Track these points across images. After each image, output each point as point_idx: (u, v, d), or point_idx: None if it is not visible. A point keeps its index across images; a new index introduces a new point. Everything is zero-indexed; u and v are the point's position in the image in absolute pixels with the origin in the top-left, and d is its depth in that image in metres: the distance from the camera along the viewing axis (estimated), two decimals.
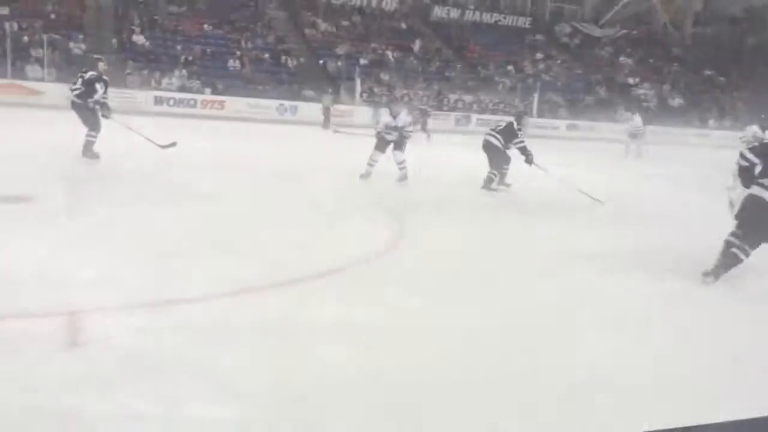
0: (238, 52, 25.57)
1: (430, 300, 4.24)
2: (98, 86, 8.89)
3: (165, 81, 23.03)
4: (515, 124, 9.36)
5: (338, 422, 2.64)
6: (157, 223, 5.91)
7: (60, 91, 19.96)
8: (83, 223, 5.66)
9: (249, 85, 23.94)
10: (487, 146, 9.37)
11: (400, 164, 9.26)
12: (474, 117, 26.16)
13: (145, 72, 23.09)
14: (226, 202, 7.11)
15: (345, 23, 29.95)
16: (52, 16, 23.91)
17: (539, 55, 32.16)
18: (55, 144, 8.59)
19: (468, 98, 27.44)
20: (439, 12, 32.72)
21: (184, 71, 23.55)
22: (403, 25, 31.47)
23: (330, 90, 23.10)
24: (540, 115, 27.63)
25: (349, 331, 3.63)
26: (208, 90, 23.22)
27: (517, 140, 9.23)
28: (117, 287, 4.02)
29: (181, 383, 2.84)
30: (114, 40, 24.49)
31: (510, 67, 30.38)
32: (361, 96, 25.26)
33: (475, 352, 3.43)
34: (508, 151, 9.42)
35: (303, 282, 4.43)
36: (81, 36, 23.60)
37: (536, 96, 28.06)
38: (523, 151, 9.19)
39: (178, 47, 24.76)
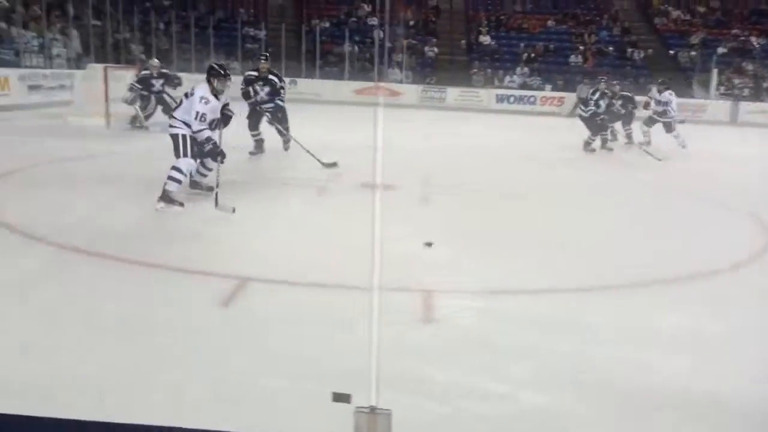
0: (581, 47, 25.15)
1: None
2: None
3: (507, 79, 23.81)
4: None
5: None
6: (496, 217, 6.18)
7: (415, 93, 22.25)
8: (434, 212, 6.20)
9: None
10: None
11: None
12: None
13: (489, 71, 24.15)
14: (565, 199, 7.10)
15: (701, 9, 27.31)
16: (411, 22, 26.44)
17: None
18: (406, 138, 9.55)
19: None
20: None
21: (525, 69, 24.03)
22: None
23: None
24: None
25: (691, 343, 3.37)
26: (548, 87, 23.35)
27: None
28: (467, 273, 4.33)
29: (522, 367, 2.95)
30: (463, 42, 26.12)
31: None
32: (717, 89, 22.79)
33: None
34: None
35: (652, 286, 4.23)
36: (434, 40, 25.68)
37: None
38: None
39: (522, 45, 25.33)
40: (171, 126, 5.91)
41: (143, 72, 11.71)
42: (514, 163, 9.81)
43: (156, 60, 12.37)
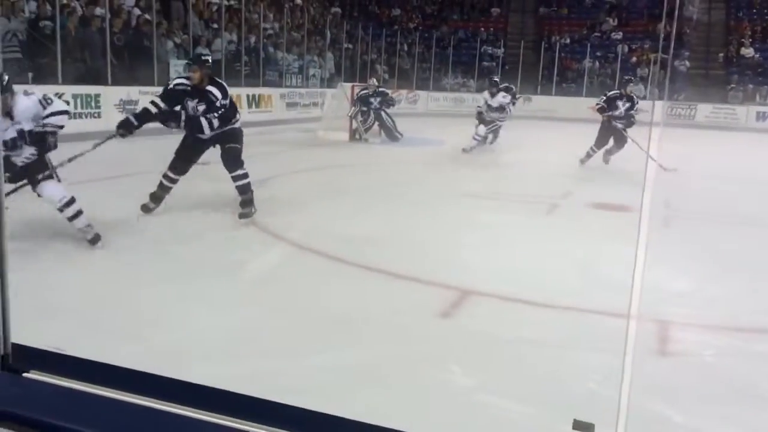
0: None
1: None
2: None
3: None
4: None
5: None
6: (747, 246, 5.47)
7: (661, 109, 20.65)
8: (674, 236, 5.67)
9: None
10: None
11: None
12: None
13: (751, 86, 21.67)
14: None
15: None
16: (661, 35, 24.71)
17: None
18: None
19: None
20: None
21: None
22: None
23: None
24: None
25: None
26: None
27: None
28: (709, 305, 3.88)
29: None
30: (721, 55, 23.79)
31: None
32: None
33: None
34: None
35: None
36: (687, 53, 23.72)
37: None
38: None
39: None
40: None
41: (363, 91, 12.61)
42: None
43: (374, 80, 13.45)
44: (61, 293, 3.61)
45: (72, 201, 4.39)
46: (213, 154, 5.69)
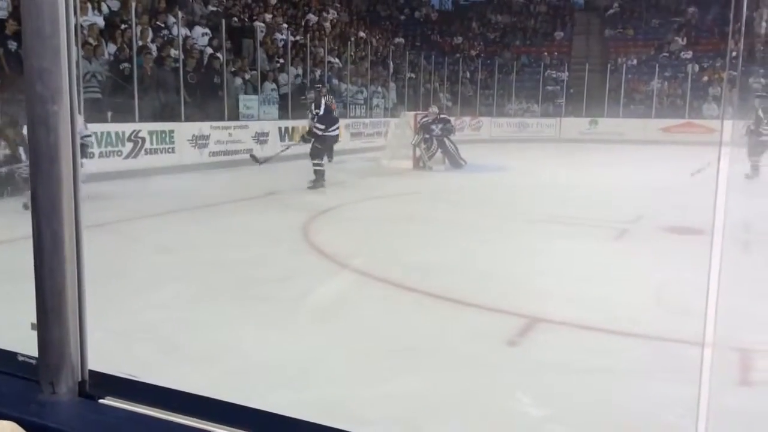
0: None
1: None
2: None
3: None
4: None
5: None
6: None
7: (734, 129, 19.88)
8: (753, 260, 5.42)
9: None
10: None
11: None
12: None
13: None
14: None
15: None
16: (734, 53, 23.92)
17: None
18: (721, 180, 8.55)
19: None
20: None
21: None
22: None
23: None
24: None
25: None
26: None
27: None
28: None
29: None
30: None
31: None
32: None
33: None
34: None
35: None
36: (761, 70, 22.84)
37: None
38: None
39: None
40: None
41: (424, 119, 12.66)
42: None
43: (435, 107, 13.50)
44: (133, 319, 3.74)
45: None
46: (283, 182, 5.80)
